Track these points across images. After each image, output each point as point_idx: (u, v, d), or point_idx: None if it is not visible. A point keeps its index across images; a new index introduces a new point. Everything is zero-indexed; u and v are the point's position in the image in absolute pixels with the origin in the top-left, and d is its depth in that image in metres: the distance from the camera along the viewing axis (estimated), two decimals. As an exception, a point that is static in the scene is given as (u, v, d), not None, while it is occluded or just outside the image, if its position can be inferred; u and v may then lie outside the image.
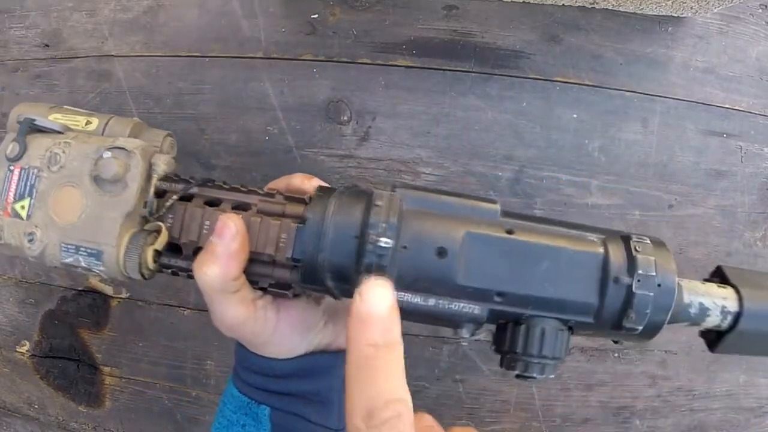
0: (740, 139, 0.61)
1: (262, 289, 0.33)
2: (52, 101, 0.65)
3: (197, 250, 0.33)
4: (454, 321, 0.28)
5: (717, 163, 0.61)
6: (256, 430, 0.36)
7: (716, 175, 0.61)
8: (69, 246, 0.32)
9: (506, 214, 0.29)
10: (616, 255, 0.28)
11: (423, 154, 0.60)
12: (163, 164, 0.34)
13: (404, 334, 0.25)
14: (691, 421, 0.61)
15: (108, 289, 0.64)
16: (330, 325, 0.37)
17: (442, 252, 0.27)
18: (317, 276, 0.29)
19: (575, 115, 0.60)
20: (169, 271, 0.35)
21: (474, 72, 0.60)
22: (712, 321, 0.31)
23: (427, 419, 0.28)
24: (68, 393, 0.65)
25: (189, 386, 0.63)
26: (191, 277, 0.32)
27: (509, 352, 0.28)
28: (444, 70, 0.60)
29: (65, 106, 0.39)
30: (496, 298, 0.27)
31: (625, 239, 0.29)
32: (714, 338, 0.32)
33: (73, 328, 0.65)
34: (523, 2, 0.60)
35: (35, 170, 0.34)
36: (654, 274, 0.28)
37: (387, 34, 0.61)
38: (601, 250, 0.28)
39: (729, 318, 0.30)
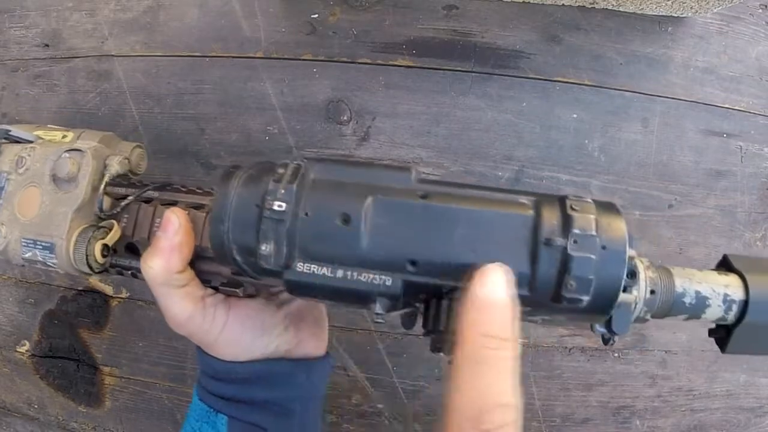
0: (740, 139, 0.61)
1: (215, 288, 0.34)
2: (52, 101, 0.65)
3: None
4: (365, 295, 0.25)
5: (717, 163, 0.61)
6: None
7: (716, 175, 0.61)
8: (28, 240, 0.35)
9: (424, 181, 0.27)
10: (549, 216, 0.24)
11: (423, 154, 0.60)
12: (116, 165, 0.36)
13: (405, 334, 0.24)
14: (691, 421, 0.61)
15: (108, 289, 0.64)
16: (291, 330, 0.37)
17: (346, 219, 0.25)
18: (225, 252, 0.27)
19: (575, 115, 0.60)
20: (129, 272, 0.36)
21: (474, 72, 0.60)
22: (715, 312, 0.27)
23: None
24: (68, 393, 0.65)
25: (189, 386, 0.63)
26: None
27: (433, 331, 0.25)
28: (444, 70, 0.60)
29: (49, 125, 0.41)
30: (409, 267, 0.25)
31: (561, 199, 0.25)
32: (723, 336, 0.28)
33: (73, 328, 0.65)
34: (523, 2, 0.60)
35: (5, 174, 0.36)
36: (594, 233, 0.24)
37: (387, 34, 0.61)
38: (531, 211, 0.25)
39: (735, 308, 0.27)
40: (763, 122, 0.61)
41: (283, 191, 0.25)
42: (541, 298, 0.24)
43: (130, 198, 0.35)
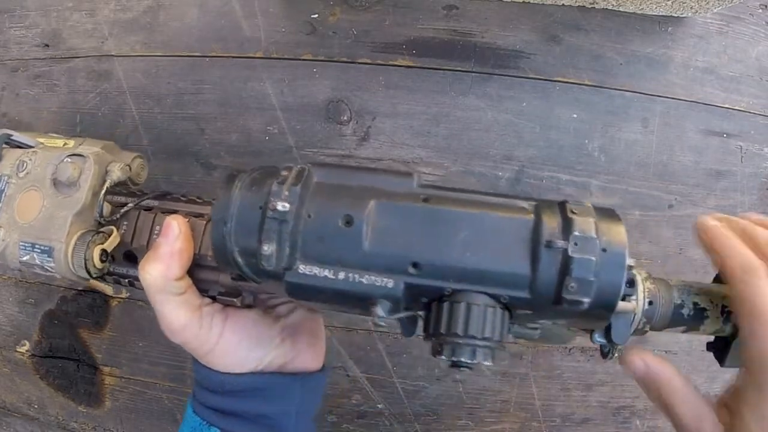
0: (740, 139, 0.61)
1: (212, 297, 0.34)
2: (52, 101, 0.65)
3: None
4: (367, 297, 0.25)
5: (717, 163, 0.61)
6: None
7: (716, 175, 0.61)
8: (26, 243, 0.34)
9: (426, 185, 0.27)
10: (550, 219, 0.25)
11: (423, 154, 0.60)
12: (117, 171, 0.36)
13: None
14: (691, 421, 0.61)
15: (108, 290, 0.64)
16: (288, 342, 0.36)
17: (348, 220, 0.25)
18: (227, 254, 0.27)
19: (575, 115, 0.60)
20: (126, 281, 0.36)
21: (474, 72, 0.60)
22: (713, 325, 0.28)
23: None
24: (68, 393, 0.65)
25: (189, 386, 0.63)
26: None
27: (434, 334, 0.25)
28: (444, 70, 0.60)
29: (50, 134, 0.42)
30: (411, 270, 0.25)
31: (561, 204, 0.26)
32: (722, 348, 0.29)
33: (73, 328, 0.65)
34: (523, 2, 0.60)
35: (6, 177, 0.36)
36: (594, 236, 0.24)
37: (387, 34, 0.61)
38: (532, 215, 0.25)
39: (732, 319, 0.28)
40: (763, 122, 0.61)
41: (287, 192, 0.25)
42: (542, 300, 0.24)
43: (130, 205, 0.35)
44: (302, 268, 0.25)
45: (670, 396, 0.29)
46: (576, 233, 0.24)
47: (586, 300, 0.24)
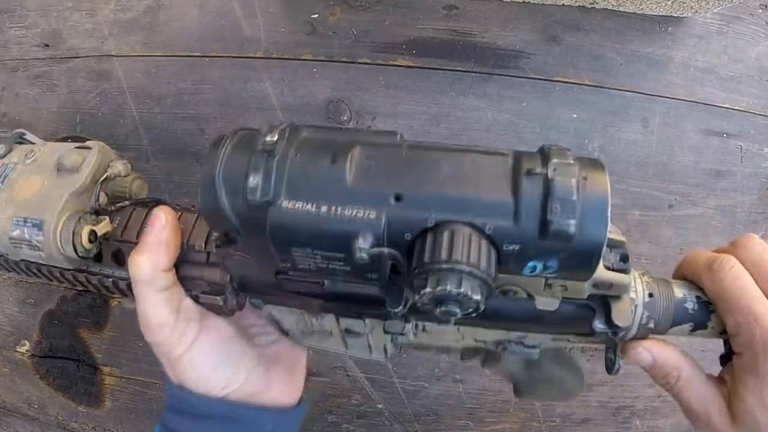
0: (740, 139, 0.61)
1: (195, 298, 0.34)
2: (52, 101, 0.65)
3: None
4: (349, 231, 0.25)
5: (717, 163, 0.61)
6: None
7: (716, 175, 0.61)
8: (19, 219, 0.35)
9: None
10: (529, 157, 0.25)
11: (423, 154, 0.60)
12: (119, 165, 0.37)
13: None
14: (691, 421, 0.61)
15: (108, 289, 0.64)
16: (261, 370, 0.36)
17: (335, 159, 0.26)
18: (215, 198, 0.26)
19: (575, 115, 0.60)
20: (110, 280, 0.36)
21: (474, 72, 0.60)
22: (721, 320, 0.28)
23: None
24: (68, 393, 0.65)
25: (189, 386, 0.63)
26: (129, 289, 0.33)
27: (418, 267, 0.24)
28: (444, 70, 0.60)
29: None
30: (393, 202, 0.25)
31: (540, 148, 0.26)
32: (730, 353, 0.29)
33: (73, 328, 0.65)
34: (523, 2, 0.60)
35: (13, 164, 0.38)
36: (572, 163, 0.24)
37: (387, 34, 0.61)
38: (511, 158, 0.25)
39: None
40: (763, 122, 0.61)
41: (276, 133, 0.27)
42: (527, 231, 0.24)
43: (126, 202, 0.36)
44: (286, 203, 0.25)
45: (678, 382, 0.29)
46: (554, 160, 0.24)
47: (572, 221, 0.23)
